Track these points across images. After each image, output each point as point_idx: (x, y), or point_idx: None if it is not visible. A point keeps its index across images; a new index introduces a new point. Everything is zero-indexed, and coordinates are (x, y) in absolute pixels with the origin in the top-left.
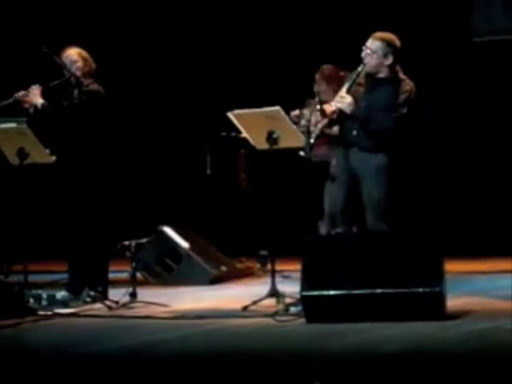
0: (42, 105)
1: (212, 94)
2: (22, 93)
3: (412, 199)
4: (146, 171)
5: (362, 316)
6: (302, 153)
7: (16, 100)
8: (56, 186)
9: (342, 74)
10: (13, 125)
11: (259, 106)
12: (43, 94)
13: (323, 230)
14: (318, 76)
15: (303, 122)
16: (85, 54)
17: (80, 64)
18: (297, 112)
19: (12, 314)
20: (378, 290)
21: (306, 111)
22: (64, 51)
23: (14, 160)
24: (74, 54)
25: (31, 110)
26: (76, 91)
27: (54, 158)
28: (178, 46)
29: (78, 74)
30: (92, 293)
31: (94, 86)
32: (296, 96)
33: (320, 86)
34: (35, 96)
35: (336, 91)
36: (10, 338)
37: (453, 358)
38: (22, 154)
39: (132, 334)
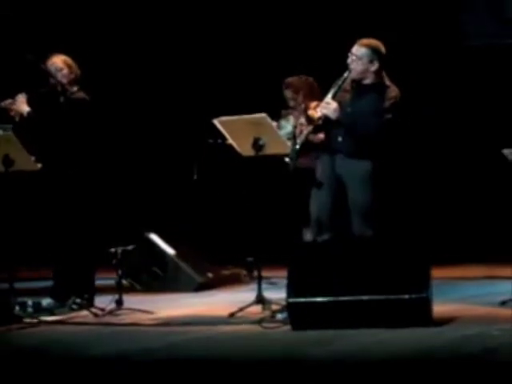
0: (28, 113)
1: (198, 101)
2: (8, 101)
3: (398, 205)
4: (132, 178)
5: (349, 323)
6: (287, 159)
7: (1, 108)
8: (42, 194)
9: (307, 79)
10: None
11: (244, 113)
12: (29, 102)
13: (308, 236)
14: (287, 92)
15: (289, 129)
16: (70, 61)
17: (65, 71)
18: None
19: None
20: (365, 297)
21: (283, 122)
22: (49, 58)
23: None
24: (58, 62)
25: (17, 118)
26: (62, 98)
27: (39, 165)
28: (164, 53)
29: (64, 81)
30: (78, 300)
31: (80, 94)
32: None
33: (293, 100)
34: (21, 104)
35: (308, 97)
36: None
37: (440, 364)
38: (7, 161)
39: (118, 341)
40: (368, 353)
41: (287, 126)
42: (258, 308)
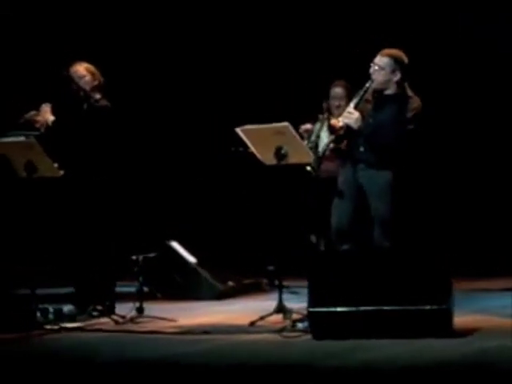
0: (53, 122)
1: (221, 110)
2: (32, 112)
3: (420, 216)
4: (154, 186)
5: (369, 333)
6: (308, 168)
7: (27, 120)
8: (64, 200)
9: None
10: (21, 138)
11: (267, 122)
12: (53, 111)
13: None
14: (341, 90)
15: (312, 138)
16: (92, 68)
17: (88, 78)
18: (308, 126)
19: (19, 328)
20: (386, 307)
21: (317, 126)
22: (71, 66)
23: (22, 173)
24: (81, 69)
25: (42, 129)
26: (85, 106)
27: (61, 172)
28: (188, 62)
29: (87, 88)
30: (99, 307)
31: (103, 102)
32: (304, 112)
33: (340, 100)
34: (46, 114)
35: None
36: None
37: (460, 376)
38: (29, 167)
39: (139, 349)
40: (389, 363)
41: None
42: (278, 317)
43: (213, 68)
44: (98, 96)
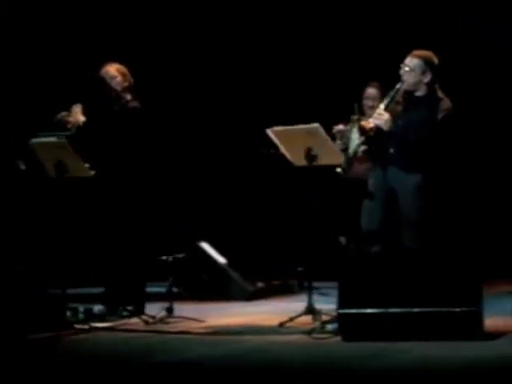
0: (84, 122)
1: (251, 111)
2: (64, 113)
3: (450, 218)
4: (185, 186)
5: (399, 335)
6: (338, 169)
7: (58, 120)
8: (94, 201)
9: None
10: (52, 139)
11: (299, 123)
12: (84, 112)
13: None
14: (374, 91)
15: (343, 139)
16: (123, 69)
17: (119, 79)
18: (341, 127)
19: (49, 327)
20: (416, 309)
21: (349, 127)
22: (103, 67)
23: (52, 173)
24: (112, 70)
25: (74, 130)
26: (116, 106)
27: (92, 172)
28: (218, 62)
29: (118, 89)
30: (129, 307)
31: (134, 103)
32: (337, 113)
33: (374, 100)
34: (77, 114)
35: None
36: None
37: (490, 378)
38: (60, 167)
39: (167, 349)
40: (417, 365)
41: (354, 130)
42: (308, 318)
43: (245, 69)
44: (128, 97)
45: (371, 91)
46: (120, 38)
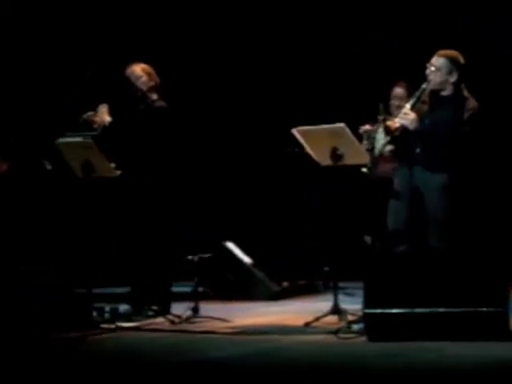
0: (110, 123)
1: (277, 110)
2: (90, 113)
3: (476, 218)
4: (211, 186)
5: (425, 335)
6: (364, 169)
7: (84, 120)
8: (120, 201)
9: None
10: (78, 139)
11: (326, 123)
12: (110, 112)
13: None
14: (402, 91)
15: (370, 140)
16: (149, 69)
17: (144, 79)
18: (367, 127)
19: (76, 327)
20: (441, 309)
21: (375, 127)
22: (129, 67)
23: (79, 173)
24: (138, 69)
25: (100, 130)
26: (142, 106)
27: (118, 172)
28: (244, 62)
29: (143, 88)
30: (155, 307)
31: (160, 103)
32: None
33: (402, 100)
34: (103, 115)
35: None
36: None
37: None
38: (87, 167)
39: (193, 349)
40: (444, 365)
41: (380, 130)
42: (333, 318)
43: (272, 69)
44: (154, 96)
45: (398, 91)
46: (145, 37)
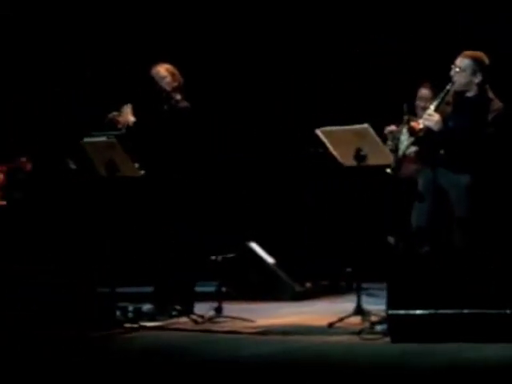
0: (134, 123)
1: (300, 110)
2: (114, 113)
3: (501, 219)
4: (234, 186)
5: (449, 336)
6: (388, 170)
7: (108, 120)
8: (144, 200)
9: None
10: (102, 138)
11: (350, 123)
12: (134, 112)
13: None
14: (427, 92)
15: (394, 141)
16: (173, 69)
17: (168, 79)
18: (393, 127)
19: (100, 326)
20: (465, 311)
21: (400, 128)
22: (153, 67)
23: (103, 172)
24: (162, 70)
25: (124, 130)
26: (166, 106)
27: (142, 172)
28: (267, 62)
29: (168, 89)
30: (178, 306)
31: (184, 103)
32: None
33: (427, 101)
34: (127, 115)
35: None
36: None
37: None
38: (111, 166)
39: (217, 349)
40: (467, 367)
41: (404, 131)
42: (357, 319)
43: (296, 68)
44: (178, 97)
45: (424, 92)
46: (170, 38)
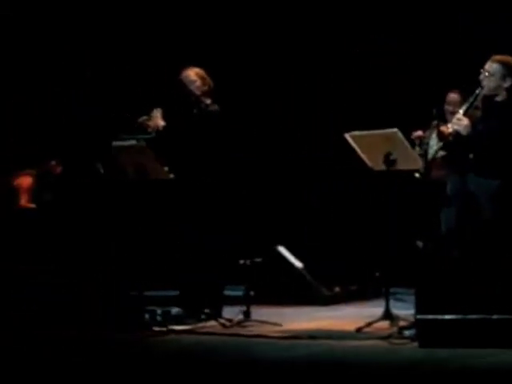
0: (164, 127)
1: (329, 115)
2: (144, 117)
3: None
4: (263, 191)
5: (477, 342)
6: (417, 175)
7: (139, 124)
8: (173, 204)
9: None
10: (132, 142)
11: (379, 128)
12: (164, 116)
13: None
14: (456, 96)
15: (423, 146)
16: (202, 73)
17: (198, 83)
18: (420, 133)
19: (129, 329)
20: (495, 316)
21: (428, 133)
22: (182, 71)
23: (133, 176)
24: (192, 74)
25: (153, 134)
26: (195, 110)
27: (172, 176)
28: (296, 66)
29: (197, 93)
30: (207, 310)
31: (214, 107)
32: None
33: (456, 106)
34: (157, 119)
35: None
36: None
37: None
38: (140, 170)
39: (244, 352)
40: (496, 373)
41: (433, 136)
42: (385, 324)
43: (324, 73)
44: (208, 101)
45: (452, 96)
46: (202, 42)
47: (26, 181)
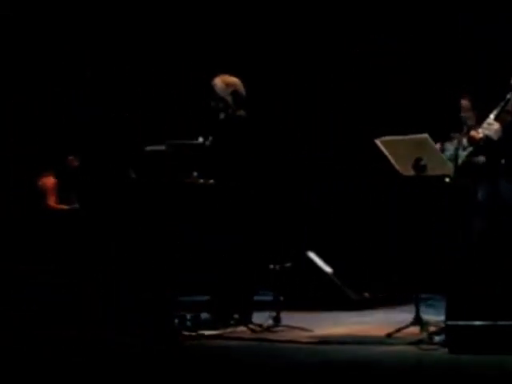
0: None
1: (359, 120)
2: None
3: None
4: (293, 196)
5: (507, 348)
6: (447, 180)
7: None
8: (203, 209)
9: None
10: (162, 147)
11: (405, 134)
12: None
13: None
14: (465, 102)
15: (451, 151)
16: (232, 79)
17: (227, 89)
18: (438, 145)
19: (157, 334)
20: None
21: (448, 144)
22: (213, 77)
23: (166, 180)
24: (221, 80)
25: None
26: (222, 115)
27: (201, 181)
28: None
29: (227, 99)
30: (236, 315)
31: (240, 112)
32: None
33: (466, 112)
34: None
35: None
36: None
37: None
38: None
39: (274, 358)
40: None
41: (450, 148)
42: (415, 329)
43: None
44: (235, 107)
45: (463, 102)
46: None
47: (49, 181)
